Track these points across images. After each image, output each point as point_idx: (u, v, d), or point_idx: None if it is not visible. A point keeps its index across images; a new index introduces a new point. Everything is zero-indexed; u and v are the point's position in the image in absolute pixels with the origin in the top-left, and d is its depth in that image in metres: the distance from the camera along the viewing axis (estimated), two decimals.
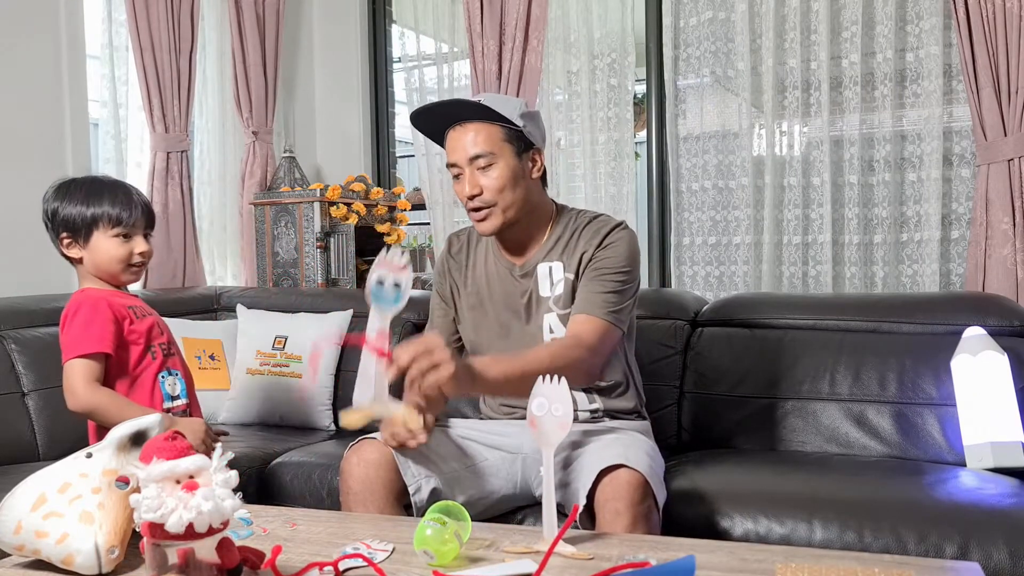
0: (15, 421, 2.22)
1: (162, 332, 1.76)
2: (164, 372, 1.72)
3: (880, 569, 1.11)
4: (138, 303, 1.76)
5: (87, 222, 1.68)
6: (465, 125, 1.71)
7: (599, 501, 1.47)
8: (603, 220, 1.80)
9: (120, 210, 1.68)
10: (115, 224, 1.68)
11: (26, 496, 1.18)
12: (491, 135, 1.70)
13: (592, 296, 1.72)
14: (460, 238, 1.92)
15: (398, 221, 3.58)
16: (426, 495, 1.57)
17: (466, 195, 1.71)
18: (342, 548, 1.22)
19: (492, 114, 1.69)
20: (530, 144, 1.75)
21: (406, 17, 3.80)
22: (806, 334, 2.31)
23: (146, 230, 1.73)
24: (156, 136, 3.04)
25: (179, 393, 1.74)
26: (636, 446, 1.61)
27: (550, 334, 1.77)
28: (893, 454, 2.10)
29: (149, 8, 2.96)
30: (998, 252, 2.53)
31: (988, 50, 2.52)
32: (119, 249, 1.69)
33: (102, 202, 1.68)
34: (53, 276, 2.77)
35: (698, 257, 3.18)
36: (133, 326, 1.69)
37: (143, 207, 1.72)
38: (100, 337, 1.63)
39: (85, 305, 1.67)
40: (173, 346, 1.79)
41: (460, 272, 1.88)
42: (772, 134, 3.03)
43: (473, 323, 1.85)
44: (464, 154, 1.71)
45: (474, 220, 1.75)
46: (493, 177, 1.70)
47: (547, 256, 1.79)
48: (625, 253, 1.75)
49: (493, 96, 1.74)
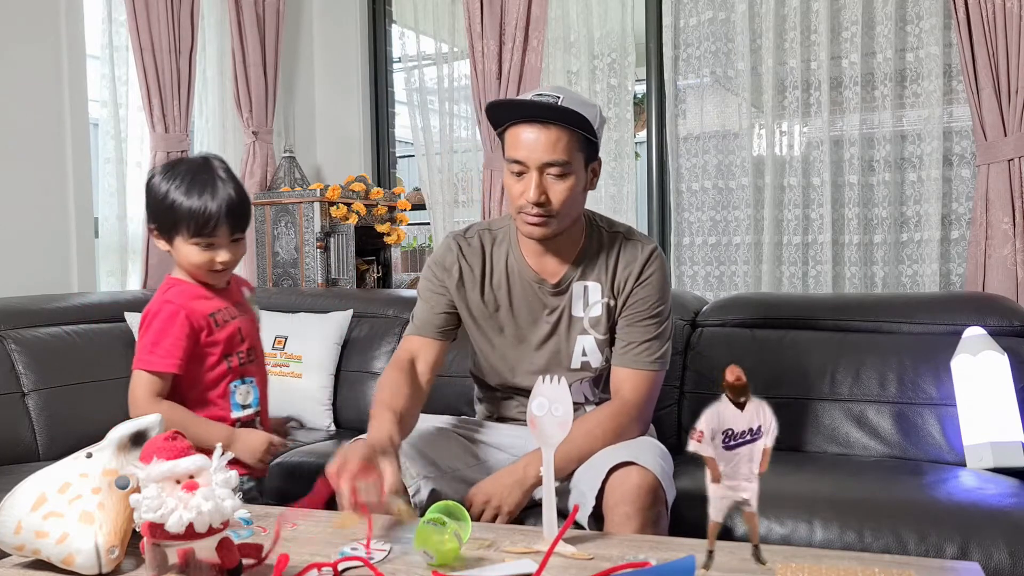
0: (15, 421, 2.22)
1: (243, 339, 1.66)
2: (238, 381, 1.64)
3: (880, 569, 1.11)
4: (223, 305, 1.65)
5: (168, 224, 1.58)
6: (546, 126, 1.55)
7: (608, 504, 1.46)
8: (636, 241, 1.73)
9: (200, 221, 1.54)
10: (194, 234, 1.56)
11: (26, 496, 1.18)
12: (570, 144, 1.56)
13: (634, 347, 1.69)
14: (471, 243, 1.76)
15: (398, 221, 3.58)
16: (426, 496, 1.56)
17: (530, 200, 1.57)
18: (340, 549, 1.22)
19: (574, 119, 1.55)
20: (596, 155, 1.65)
21: (406, 17, 3.80)
22: (806, 334, 2.31)
23: (233, 236, 1.59)
24: (156, 136, 3.03)
25: (251, 402, 1.66)
26: (646, 447, 1.61)
27: (583, 357, 1.73)
28: (893, 454, 2.10)
29: (149, 8, 2.96)
30: (998, 252, 2.53)
31: (988, 50, 2.52)
32: (199, 256, 1.58)
33: (188, 205, 1.54)
34: (53, 276, 2.77)
35: (698, 257, 3.18)
36: (211, 337, 1.60)
37: (230, 214, 1.56)
38: (169, 354, 1.56)
39: (163, 315, 1.58)
40: (254, 352, 1.70)
41: (475, 280, 1.75)
42: (772, 134, 3.03)
43: (486, 334, 1.77)
44: (538, 158, 1.56)
45: (525, 222, 1.61)
46: (564, 188, 1.58)
47: (582, 275, 1.71)
48: (660, 288, 1.71)
49: (573, 97, 1.58)
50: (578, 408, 1.70)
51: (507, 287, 1.74)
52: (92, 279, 2.91)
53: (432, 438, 1.70)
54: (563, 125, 1.55)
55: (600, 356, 1.73)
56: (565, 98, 1.56)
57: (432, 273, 1.77)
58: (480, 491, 1.56)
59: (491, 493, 1.55)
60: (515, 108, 1.62)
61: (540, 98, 1.56)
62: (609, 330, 1.73)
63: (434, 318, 1.75)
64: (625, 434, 1.64)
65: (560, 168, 1.57)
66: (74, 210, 2.82)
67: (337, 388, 2.61)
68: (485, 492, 1.56)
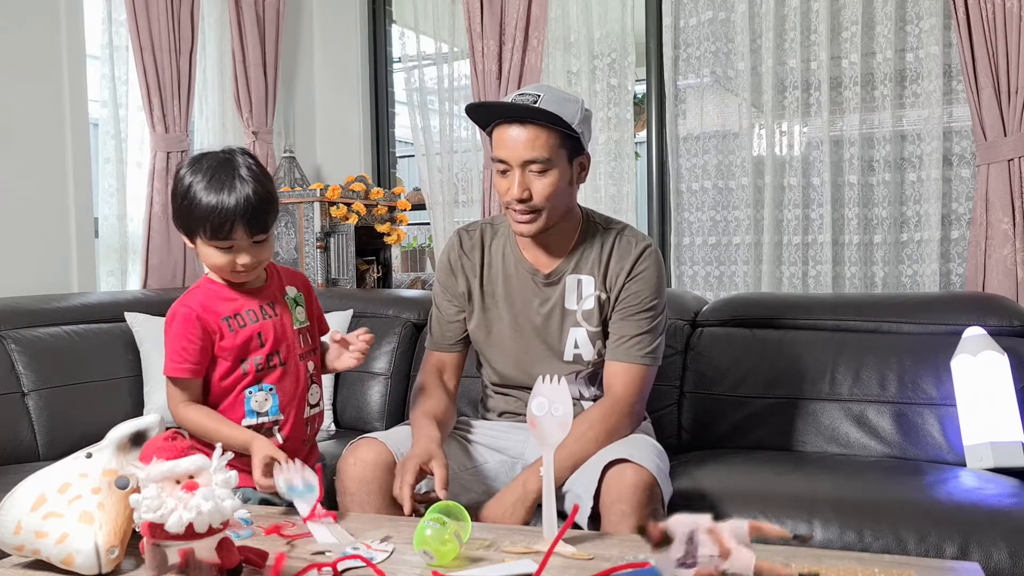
0: (15, 421, 2.22)
1: (263, 344, 1.57)
2: (254, 387, 1.57)
3: (880, 569, 1.11)
4: (249, 307, 1.59)
5: (188, 225, 1.52)
6: (524, 125, 1.62)
7: (605, 503, 1.47)
8: (630, 237, 1.77)
9: (216, 224, 1.48)
10: (211, 237, 1.50)
11: (26, 496, 1.18)
12: (549, 141, 1.62)
13: (625, 340, 1.71)
14: (472, 236, 1.83)
15: (398, 221, 3.58)
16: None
17: (514, 197, 1.64)
18: (342, 549, 1.22)
19: (552, 117, 1.60)
20: (582, 149, 1.69)
21: (406, 17, 3.80)
22: (806, 334, 2.31)
23: (254, 238, 1.52)
24: (156, 136, 3.03)
25: (268, 410, 1.58)
26: (641, 444, 1.61)
27: (575, 349, 1.75)
28: (893, 454, 2.10)
29: (149, 8, 2.96)
30: (998, 252, 2.53)
31: (988, 50, 2.52)
32: (219, 258, 1.53)
33: (207, 206, 1.47)
34: (53, 276, 2.77)
35: (698, 257, 3.18)
36: (223, 342, 1.55)
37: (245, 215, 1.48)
38: (183, 360, 1.54)
39: (176, 321, 1.56)
40: (277, 357, 1.59)
41: (474, 271, 1.81)
42: (772, 134, 3.03)
43: (484, 324, 1.81)
44: (518, 156, 1.62)
45: (514, 220, 1.68)
46: (546, 184, 1.63)
47: (575, 268, 1.75)
48: (654, 283, 1.73)
49: (553, 95, 1.63)
50: (573, 405, 1.70)
51: (503, 277, 1.79)
52: (92, 279, 2.91)
53: None
54: (539, 123, 1.61)
55: (592, 349, 1.75)
56: (544, 97, 1.62)
57: (441, 276, 1.86)
58: (485, 516, 1.57)
59: (496, 517, 1.57)
60: (492, 110, 1.69)
61: (520, 98, 1.63)
62: (601, 323, 1.75)
63: (448, 329, 1.83)
64: (618, 433, 1.65)
65: (541, 165, 1.63)
66: (74, 210, 2.82)
67: (337, 388, 2.60)
68: (490, 517, 1.57)
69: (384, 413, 2.56)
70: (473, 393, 2.08)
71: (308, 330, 1.67)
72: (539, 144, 1.62)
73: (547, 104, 1.60)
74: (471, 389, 2.14)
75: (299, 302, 1.67)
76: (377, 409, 2.57)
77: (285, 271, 1.70)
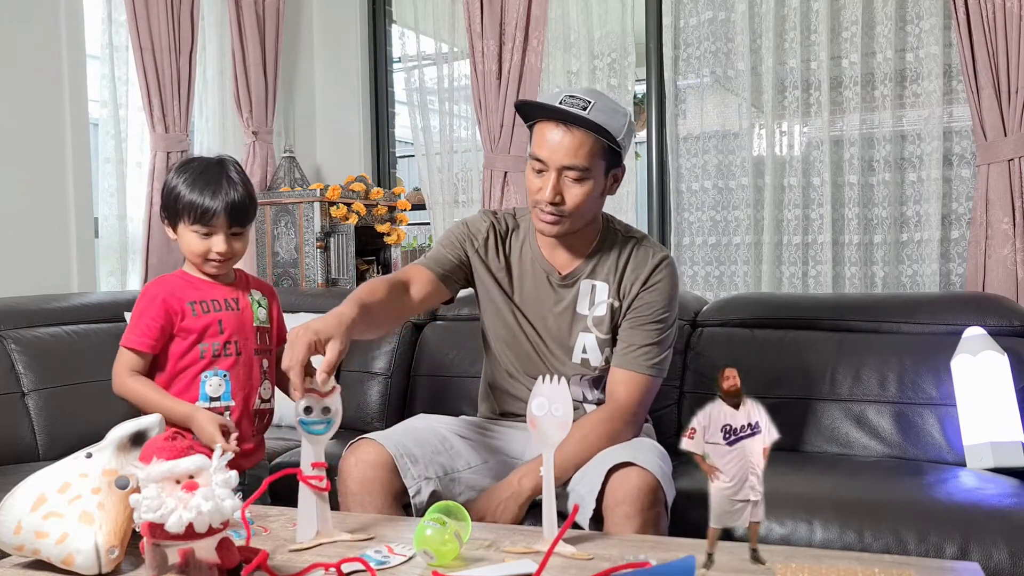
0: (15, 421, 2.22)
1: (222, 331, 1.69)
2: (210, 372, 1.68)
3: (880, 569, 1.11)
4: (216, 298, 1.71)
5: (175, 210, 1.68)
6: (571, 129, 1.59)
7: (608, 505, 1.47)
8: (648, 247, 1.76)
9: (201, 208, 1.64)
10: (195, 221, 1.65)
11: (26, 496, 1.18)
12: (592, 150, 1.60)
13: (634, 349, 1.70)
14: (501, 222, 1.82)
15: (398, 221, 3.59)
16: (426, 497, 1.56)
17: (546, 199, 1.62)
18: (362, 551, 1.21)
19: (599, 128, 1.59)
20: (619, 162, 1.68)
21: (406, 17, 3.80)
22: (806, 334, 2.31)
23: (232, 229, 1.67)
24: (156, 136, 3.03)
25: (221, 395, 1.69)
26: (645, 447, 1.61)
27: (583, 354, 1.75)
28: (893, 454, 2.10)
29: (149, 8, 2.96)
30: (998, 252, 2.53)
31: (988, 50, 2.52)
32: (197, 244, 1.67)
33: (194, 194, 1.65)
34: (53, 276, 2.77)
35: (698, 257, 3.18)
36: (185, 323, 1.67)
37: (231, 207, 1.65)
38: (143, 335, 1.66)
39: (145, 297, 1.69)
40: (234, 346, 1.70)
41: (497, 254, 1.79)
42: (772, 134, 3.03)
43: (494, 312, 1.80)
44: (558, 160, 1.60)
45: (539, 219, 1.67)
46: (579, 192, 1.62)
47: (592, 273, 1.75)
48: (667, 295, 1.73)
49: (604, 104, 1.61)
50: (576, 407, 1.70)
51: (520, 272, 1.79)
52: (92, 279, 2.91)
53: (433, 439, 1.70)
54: (586, 129, 1.59)
55: (600, 355, 1.75)
56: (596, 104, 1.59)
57: (460, 227, 1.82)
58: (474, 509, 1.55)
59: (485, 510, 1.57)
60: (544, 110, 1.65)
61: (571, 100, 1.60)
62: (611, 331, 1.75)
63: (444, 259, 1.77)
64: (619, 438, 1.65)
65: (579, 172, 1.61)
66: (74, 210, 2.82)
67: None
68: (479, 510, 1.57)
69: (384, 413, 2.55)
70: (473, 393, 2.08)
71: (267, 331, 1.78)
72: (582, 153, 1.60)
73: (597, 113, 1.58)
74: (471, 389, 2.14)
75: (263, 305, 1.79)
76: (377, 409, 2.57)
77: (254, 279, 1.84)
